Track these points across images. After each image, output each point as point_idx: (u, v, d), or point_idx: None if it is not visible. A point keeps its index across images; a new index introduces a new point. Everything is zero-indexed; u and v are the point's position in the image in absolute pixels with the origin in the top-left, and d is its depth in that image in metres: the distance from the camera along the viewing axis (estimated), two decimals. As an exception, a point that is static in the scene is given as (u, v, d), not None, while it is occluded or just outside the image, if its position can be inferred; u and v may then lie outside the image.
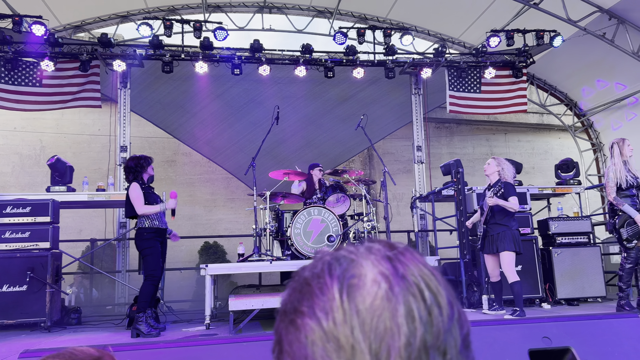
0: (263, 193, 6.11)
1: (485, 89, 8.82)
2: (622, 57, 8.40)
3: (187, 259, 9.67)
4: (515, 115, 11.28)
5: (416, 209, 8.55)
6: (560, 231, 6.96)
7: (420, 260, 0.52)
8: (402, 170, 10.92)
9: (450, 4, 8.90)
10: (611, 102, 9.63)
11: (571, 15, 7.93)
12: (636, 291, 6.30)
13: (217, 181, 10.44)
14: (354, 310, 0.47)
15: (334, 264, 0.52)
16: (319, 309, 0.49)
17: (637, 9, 7.76)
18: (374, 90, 9.00)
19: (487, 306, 5.91)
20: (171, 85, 8.34)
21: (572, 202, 8.39)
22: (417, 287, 0.49)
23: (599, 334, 1.77)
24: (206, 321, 5.25)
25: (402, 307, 0.47)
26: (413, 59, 8.74)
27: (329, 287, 0.50)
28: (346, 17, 9.49)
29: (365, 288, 0.49)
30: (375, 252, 0.52)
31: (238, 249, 6.43)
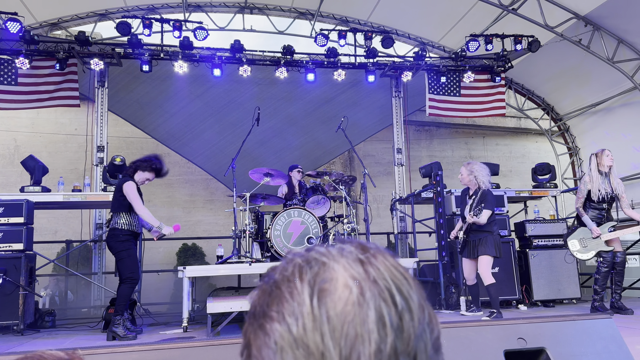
0: (243, 194, 6.07)
1: (465, 92, 8.93)
2: (598, 63, 8.58)
3: (165, 261, 9.55)
4: (493, 119, 11.44)
5: (396, 211, 8.59)
6: (537, 233, 7.07)
7: (392, 262, 0.51)
8: (383, 172, 10.97)
9: (431, 9, 8.99)
10: (587, 107, 9.84)
11: (548, 21, 8.08)
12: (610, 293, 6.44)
13: (196, 182, 10.34)
14: (325, 317, 0.46)
15: (304, 267, 0.50)
16: (288, 315, 0.48)
17: (612, 16, 7.95)
18: (355, 92, 9.04)
19: (465, 307, 5.97)
20: (150, 85, 8.24)
21: (548, 205, 8.53)
22: (389, 291, 0.48)
23: (573, 334, 1.80)
24: (184, 324, 5.19)
25: (373, 312, 0.46)
26: (393, 62, 8.80)
27: (300, 291, 0.49)
28: (327, 19, 9.51)
29: (336, 293, 0.47)
30: (347, 254, 0.51)
31: (217, 251, 6.38)
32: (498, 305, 5.34)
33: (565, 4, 7.99)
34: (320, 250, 0.52)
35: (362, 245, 0.53)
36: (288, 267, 0.52)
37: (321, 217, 6.46)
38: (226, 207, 7.69)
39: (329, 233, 6.41)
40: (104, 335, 5.24)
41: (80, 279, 7.98)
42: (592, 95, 9.61)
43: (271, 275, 0.53)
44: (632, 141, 8.92)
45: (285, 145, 9.34)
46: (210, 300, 5.19)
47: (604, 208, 5.48)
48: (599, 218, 5.49)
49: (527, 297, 6.84)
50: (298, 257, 0.53)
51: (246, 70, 7.83)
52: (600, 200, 5.46)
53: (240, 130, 7.43)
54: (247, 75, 7.89)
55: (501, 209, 7.13)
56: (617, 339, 1.84)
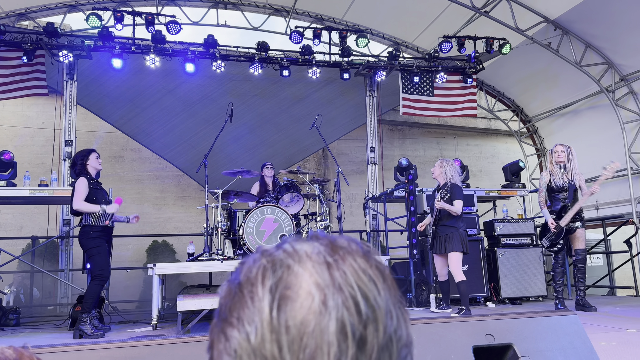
0: (215, 191, 6.01)
1: (438, 92, 9.04)
2: (566, 67, 8.81)
3: (135, 259, 9.39)
4: (464, 120, 11.62)
5: (368, 209, 8.65)
6: (505, 232, 7.22)
7: (362, 265, 0.48)
8: (356, 171, 11.02)
9: (405, 9, 9.07)
10: (555, 109, 10.09)
11: (519, 24, 8.25)
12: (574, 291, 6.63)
13: (168, 178, 10.19)
14: (284, 327, 0.44)
15: (268, 271, 0.48)
16: (247, 322, 0.46)
17: (580, 21, 8.16)
18: (329, 91, 9.05)
19: (435, 305, 6.06)
20: (120, 79, 8.08)
21: (516, 205, 8.72)
22: (354, 299, 0.45)
23: (539, 330, 1.84)
24: (153, 322, 5.12)
25: (334, 323, 0.44)
26: (368, 61, 8.84)
27: (260, 298, 0.46)
28: (302, 17, 9.49)
29: (297, 301, 0.45)
30: (314, 256, 0.48)
31: (188, 248, 6.31)
32: (467, 302, 5.44)
33: (535, 7, 8.17)
34: (288, 250, 0.50)
35: (333, 244, 0.50)
36: (252, 269, 0.49)
37: (294, 215, 6.46)
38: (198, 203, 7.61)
39: (302, 231, 6.42)
40: (70, 333, 5.13)
41: (46, 276, 7.79)
42: (560, 97, 9.86)
43: (237, 275, 0.51)
44: (598, 143, 9.19)
45: (259, 142, 9.29)
46: (180, 298, 5.12)
47: (565, 197, 5.67)
48: (563, 207, 5.67)
49: (495, 295, 6.98)
50: (265, 257, 0.50)
51: (220, 66, 7.75)
52: (560, 190, 5.65)
53: (213, 126, 7.35)
54: (220, 70, 7.81)
55: (471, 208, 7.26)
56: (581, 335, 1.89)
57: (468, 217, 7.15)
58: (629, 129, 8.62)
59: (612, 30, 8.05)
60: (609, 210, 8.65)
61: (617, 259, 9.38)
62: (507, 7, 8.10)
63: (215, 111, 8.02)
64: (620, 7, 7.50)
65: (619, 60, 8.49)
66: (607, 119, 8.92)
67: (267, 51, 7.90)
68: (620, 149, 8.65)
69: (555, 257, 5.70)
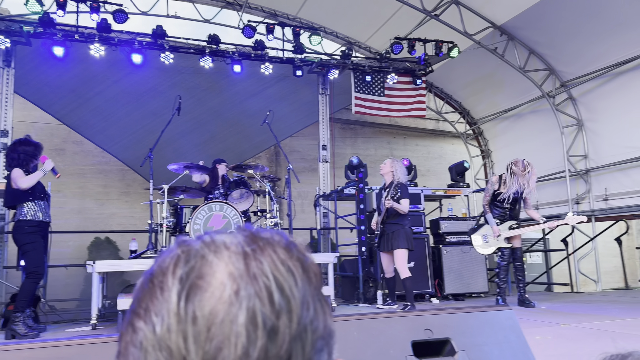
0: (161, 186, 5.84)
1: (388, 93, 9.16)
2: (511, 72, 9.14)
3: (75, 256, 9.00)
4: (414, 121, 11.85)
5: (319, 206, 8.67)
6: (450, 230, 7.43)
7: (281, 256, 0.47)
8: (308, 168, 11.02)
9: (358, 9, 9.14)
10: (499, 113, 10.45)
11: (468, 28, 8.49)
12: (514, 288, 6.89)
13: (111, 173, 9.83)
14: (190, 317, 0.42)
15: (181, 261, 0.46)
16: (154, 313, 0.44)
17: (525, 28, 8.49)
18: (282, 87, 8.99)
19: (382, 301, 6.15)
20: (62, 68, 7.70)
21: (461, 204, 8.97)
22: (267, 289, 0.44)
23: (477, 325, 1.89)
24: (92, 321, 4.93)
25: (244, 313, 0.43)
26: (321, 59, 8.84)
27: (169, 287, 0.44)
28: (256, 12, 9.39)
29: (208, 291, 0.44)
30: (232, 246, 0.47)
31: (130, 245, 6.11)
32: (412, 298, 5.56)
33: (483, 13, 8.43)
34: (206, 240, 0.48)
35: (255, 235, 0.49)
36: (166, 259, 0.47)
37: (244, 212, 6.38)
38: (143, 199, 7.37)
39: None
40: (2, 333, 4.86)
41: (-24, 274, 7.33)
42: (504, 101, 10.22)
43: (152, 266, 0.49)
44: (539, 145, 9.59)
45: (209, 138, 9.11)
46: (121, 296, 4.95)
47: (507, 207, 5.89)
48: (502, 216, 5.91)
49: (440, 291, 7.17)
50: (181, 247, 0.48)
51: (168, 58, 7.54)
52: (504, 199, 5.86)
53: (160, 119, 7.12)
54: (169, 62, 7.59)
55: (418, 206, 7.41)
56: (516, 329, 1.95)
57: (415, 216, 7.30)
58: (567, 133, 9.04)
59: (553, 37, 8.42)
60: (548, 210, 9.05)
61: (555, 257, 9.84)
62: (456, 11, 8.32)
63: (163, 104, 7.78)
64: (562, 16, 7.85)
65: (559, 66, 8.90)
66: (547, 123, 9.33)
67: (218, 44, 7.75)
68: (559, 152, 9.06)
69: (501, 255, 5.89)
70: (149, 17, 8.86)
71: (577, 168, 8.97)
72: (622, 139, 8.11)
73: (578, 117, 8.97)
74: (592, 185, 8.80)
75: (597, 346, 3.50)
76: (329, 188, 8.89)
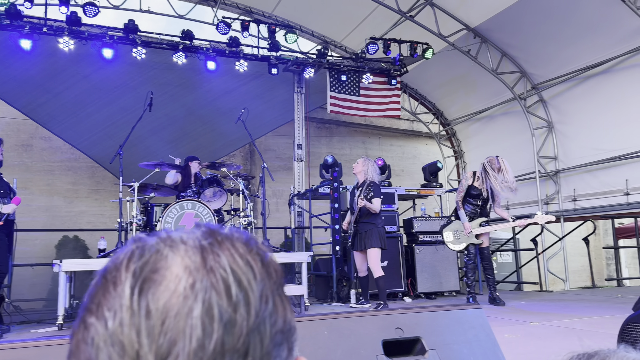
0: (131, 184, 5.72)
1: (364, 92, 9.19)
2: (483, 74, 9.27)
3: (43, 254, 8.75)
4: (389, 121, 11.92)
5: (294, 205, 8.63)
6: (423, 230, 7.49)
7: (240, 251, 0.47)
8: (283, 167, 10.98)
9: (334, 8, 9.14)
10: (472, 114, 10.59)
11: (442, 30, 8.57)
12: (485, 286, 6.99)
13: (81, 170, 9.60)
14: (144, 311, 0.41)
15: (135, 255, 0.45)
16: (107, 308, 0.42)
17: (497, 30, 8.62)
18: (257, 85, 8.91)
19: (355, 300, 6.16)
20: (30, 61, 7.46)
21: (434, 204, 9.07)
22: (224, 282, 0.43)
23: (447, 324, 1.89)
24: (59, 321, 4.80)
25: (199, 305, 0.42)
26: (297, 57, 8.81)
27: (122, 281, 0.43)
28: (231, 8, 9.30)
29: (162, 284, 0.42)
30: (189, 240, 0.46)
31: (99, 244, 5.97)
32: (385, 297, 5.58)
33: (457, 15, 8.52)
34: (162, 236, 0.47)
35: (212, 230, 0.48)
36: (121, 255, 0.46)
37: (217, 210, 6.30)
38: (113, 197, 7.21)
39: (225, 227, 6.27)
40: (-38, 336, 4.68)
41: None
42: (477, 103, 10.36)
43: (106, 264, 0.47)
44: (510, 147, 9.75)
45: (182, 135, 8.97)
46: (90, 296, 4.82)
47: (478, 204, 5.98)
48: (473, 213, 5.99)
49: (412, 290, 7.22)
50: (136, 242, 0.47)
51: (140, 53, 7.39)
52: (476, 196, 5.95)
53: (131, 115, 6.98)
54: (141, 58, 7.44)
55: (392, 205, 7.45)
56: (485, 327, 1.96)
57: (389, 215, 7.34)
58: (538, 135, 9.22)
59: (525, 41, 8.57)
60: (518, 211, 9.21)
61: (525, 256, 10.04)
62: (431, 13, 8.39)
63: (135, 100, 7.62)
64: (534, 20, 8.00)
65: (531, 69, 9.06)
66: (518, 125, 9.50)
67: (192, 40, 7.64)
68: (530, 153, 9.24)
69: (467, 254, 5.98)
70: (121, 12, 8.68)
71: (547, 169, 9.16)
72: (591, 142, 8.31)
73: (548, 119, 9.16)
74: (561, 186, 9.00)
75: (565, 344, 3.57)
76: (303, 187, 8.86)
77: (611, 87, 7.89)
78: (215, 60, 7.85)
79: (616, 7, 6.89)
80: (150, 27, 7.74)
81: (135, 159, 6.36)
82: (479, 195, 5.95)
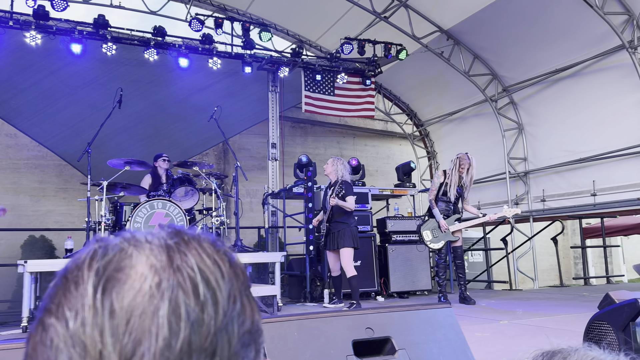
0: (99, 183, 5.59)
1: (338, 92, 9.20)
2: (456, 75, 9.39)
3: (7, 255, 8.49)
4: (363, 121, 11.97)
5: (268, 205, 8.58)
6: (396, 229, 7.54)
7: (207, 250, 0.46)
8: (257, 166, 10.91)
9: (310, 8, 9.13)
10: (445, 115, 10.71)
11: (416, 32, 8.64)
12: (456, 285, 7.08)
13: (48, 168, 9.34)
14: (108, 310, 0.40)
15: (98, 254, 0.43)
16: (68, 308, 0.41)
17: (470, 33, 8.73)
18: (231, 83, 8.83)
19: (328, 300, 6.16)
20: (-6, 56, 7.25)
21: (407, 204, 9.14)
22: (192, 281, 0.42)
23: (417, 323, 1.89)
24: (23, 323, 4.66)
25: (166, 304, 0.41)
26: (271, 56, 8.76)
27: (84, 281, 0.42)
28: (204, 5, 9.19)
29: (127, 283, 0.41)
30: (154, 240, 0.45)
31: (65, 244, 5.82)
32: (358, 296, 5.59)
33: (431, 17, 8.61)
34: (126, 236, 0.46)
35: (178, 230, 0.47)
36: (82, 255, 0.45)
37: (188, 210, 6.22)
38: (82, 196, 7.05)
39: (196, 226, 6.19)
40: None
41: None
42: (450, 104, 10.49)
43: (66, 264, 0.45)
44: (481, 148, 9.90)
45: (153, 133, 8.82)
46: (56, 297, 4.70)
47: (451, 202, 6.07)
48: (447, 210, 6.07)
49: (385, 289, 7.26)
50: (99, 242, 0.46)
51: (111, 49, 7.23)
52: (447, 193, 6.04)
53: (101, 112, 6.82)
54: (111, 54, 7.28)
55: (365, 205, 7.47)
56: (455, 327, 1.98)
57: (362, 215, 7.36)
58: (508, 136, 9.39)
59: (497, 43, 8.72)
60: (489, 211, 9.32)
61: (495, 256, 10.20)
62: (405, 14, 8.45)
63: (104, 96, 7.44)
64: (505, 23, 8.14)
65: (502, 72, 9.22)
66: (490, 126, 9.65)
67: (164, 37, 7.51)
68: (501, 155, 9.40)
69: (438, 253, 6.04)
70: (91, 6, 8.49)
71: (517, 170, 9.33)
72: (559, 143, 8.50)
73: (518, 121, 9.33)
74: (530, 187, 9.18)
75: (533, 342, 3.63)
76: (277, 186, 8.82)
77: (579, 90, 8.08)
78: (187, 58, 7.74)
79: (584, 12, 7.06)
80: (122, 23, 7.62)
81: (105, 157, 6.21)
82: (451, 192, 6.04)
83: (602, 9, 6.80)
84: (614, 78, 7.54)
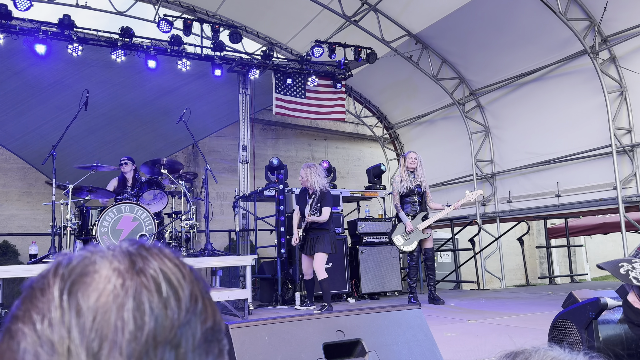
0: (65, 186, 5.45)
1: (309, 95, 9.23)
2: (424, 79, 9.53)
3: (-32, 261, 8.20)
4: (334, 124, 12.03)
5: (238, 208, 8.53)
6: (367, 231, 7.60)
7: (168, 255, 0.48)
8: (228, 169, 10.82)
9: (280, 10, 9.12)
10: (414, 118, 10.86)
11: (385, 36, 8.74)
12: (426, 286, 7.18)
13: (11, 171, 9.06)
14: (74, 310, 0.42)
15: (62, 264, 0.46)
16: (35, 312, 0.43)
17: (438, 37, 8.88)
18: (200, 85, 8.74)
19: (300, 302, 6.16)
20: (-47, 55, 7.00)
21: (378, 206, 9.23)
22: (154, 280, 0.45)
23: (386, 325, 1.92)
24: (-16, 333, 4.49)
25: (131, 301, 0.43)
26: (241, 58, 8.72)
27: (50, 286, 0.44)
28: (173, 6, 9.09)
29: (92, 285, 0.43)
30: (117, 249, 0.48)
31: (29, 249, 5.65)
32: (329, 299, 5.61)
33: (400, 21, 8.72)
34: (90, 248, 0.48)
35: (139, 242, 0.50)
36: (48, 266, 0.47)
37: (157, 214, 6.13)
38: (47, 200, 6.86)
39: (165, 230, 6.11)
40: None
41: None
42: (418, 107, 10.64)
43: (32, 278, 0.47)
44: (449, 150, 10.09)
45: (120, 135, 8.65)
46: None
47: (416, 201, 6.17)
48: (413, 210, 6.15)
49: (356, 291, 7.30)
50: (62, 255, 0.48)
51: (76, 49, 7.07)
52: (409, 194, 6.12)
53: (66, 114, 6.66)
54: (77, 55, 7.12)
55: (337, 207, 7.51)
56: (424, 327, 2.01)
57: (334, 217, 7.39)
58: (475, 139, 9.58)
59: (464, 48, 8.89)
60: (457, 212, 9.52)
61: (463, 256, 10.39)
62: (374, 18, 8.54)
63: (70, 98, 7.27)
64: (472, 28, 8.31)
65: (469, 76, 9.41)
66: (457, 129, 9.83)
67: (131, 38, 7.39)
68: (468, 157, 9.58)
69: (410, 255, 6.12)
70: (56, 6, 8.28)
71: (484, 172, 9.53)
72: (524, 145, 8.72)
73: (485, 124, 9.53)
74: (497, 189, 9.39)
75: (500, 341, 3.72)
76: (248, 189, 8.78)
77: (544, 94, 8.31)
78: (156, 59, 7.64)
79: (548, 18, 7.27)
80: (90, 24, 7.45)
81: (71, 160, 6.08)
82: (412, 193, 6.14)
83: (565, 15, 7.01)
84: (577, 82, 7.79)
